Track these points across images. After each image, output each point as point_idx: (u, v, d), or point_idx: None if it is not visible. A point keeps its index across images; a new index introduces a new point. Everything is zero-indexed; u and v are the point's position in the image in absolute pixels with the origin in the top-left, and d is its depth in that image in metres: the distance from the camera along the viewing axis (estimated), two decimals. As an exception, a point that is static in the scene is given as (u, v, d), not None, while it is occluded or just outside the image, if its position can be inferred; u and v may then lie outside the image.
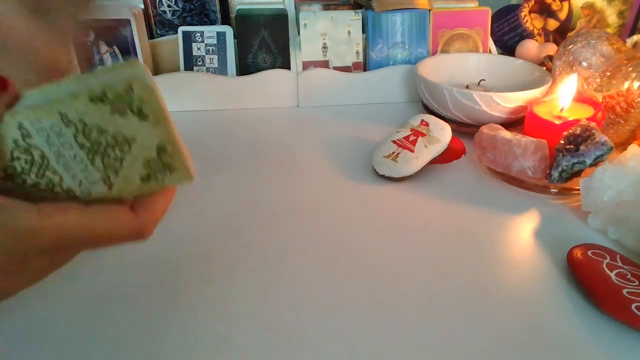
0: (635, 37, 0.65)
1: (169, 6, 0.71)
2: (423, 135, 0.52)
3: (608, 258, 0.38)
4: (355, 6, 0.77)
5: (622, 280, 0.35)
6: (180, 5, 0.71)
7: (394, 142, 0.52)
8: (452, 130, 0.53)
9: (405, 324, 0.34)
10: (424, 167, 0.51)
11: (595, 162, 0.46)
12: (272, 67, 0.70)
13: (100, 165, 0.27)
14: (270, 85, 0.69)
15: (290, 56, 0.70)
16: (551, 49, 0.74)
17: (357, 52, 0.71)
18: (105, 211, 0.27)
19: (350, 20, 0.70)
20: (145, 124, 0.27)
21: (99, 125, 0.26)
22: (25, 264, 0.26)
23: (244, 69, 0.70)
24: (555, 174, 0.47)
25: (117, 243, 0.28)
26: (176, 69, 0.69)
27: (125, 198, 0.29)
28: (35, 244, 0.25)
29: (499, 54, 0.75)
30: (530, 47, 0.76)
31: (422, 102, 0.67)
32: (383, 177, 0.51)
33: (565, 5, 0.79)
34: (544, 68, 0.66)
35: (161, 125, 0.27)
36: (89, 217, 0.27)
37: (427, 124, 0.53)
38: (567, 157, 0.46)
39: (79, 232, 0.26)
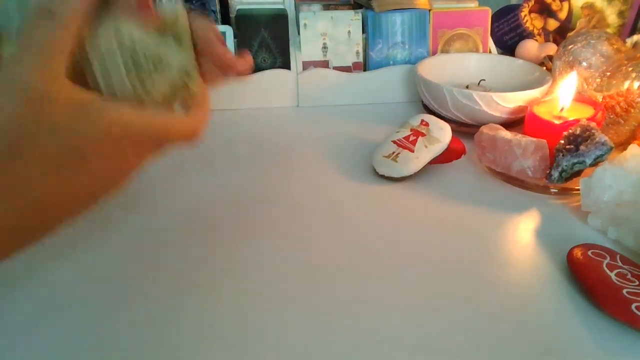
0: (635, 37, 0.65)
1: (169, 6, 0.71)
2: (423, 135, 0.52)
3: (608, 258, 0.38)
4: (355, 6, 0.77)
5: (622, 280, 0.35)
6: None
7: (394, 142, 0.52)
8: (452, 130, 0.53)
9: (405, 324, 0.34)
10: (424, 167, 0.51)
11: (595, 162, 0.46)
12: (272, 67, 0.70)
13: (135, 80, 0.30)
14: (270, 85, 0.69)
15: (290, 56, 0.70)
16: (551, 49, 0.74)
17: (357, 52, 0.71)
18: (172, 114, 0.31)
19: (350, 20, 0.70)
20: (179, 49, 0.32)
21: (144, 44, 0.30)
22: (121, 150, 0.28)
23: (244, 69, 0.70)
24: (555, 174, 0.47)
25: (175, 141, 0.31)
26: (176, 69, 0.69)
27: None
28: (129, 131, 0.28)
29: (499, 54, 0.75)
30: (530, 47, 0.76)
31: (422, 102, 0.67)
32: (383, 177, 0.51)
33: (565, 5, 0.79)
34: (544, 68, 0.66)
35: (189, 51, 0.33)
36: (151, 113, 0.30)
37: (427, 124, 0.53)
38: (567, 157, 0.46)
39: (156, 124, 0.29)
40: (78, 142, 0.26)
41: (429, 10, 0.71)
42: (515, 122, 0.60)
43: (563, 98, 0.53)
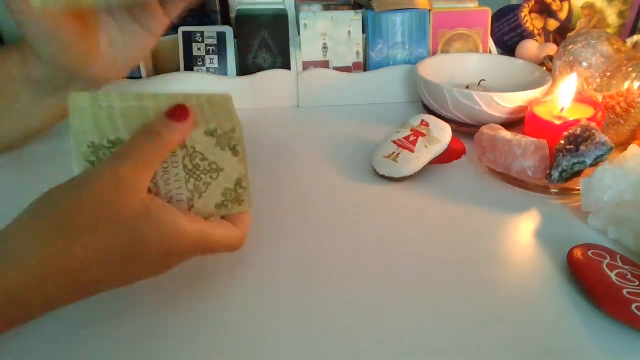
0: (635, 37, 0.65)
1: (169, 6, 0.71)
2: (423, 135, 0.52)
3: (608, 258, 0.38)
4: (355, 6, 0.77)
5: (622, 280, 0.35)
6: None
7: (394, 142, 0.52)
8: (452, 130, 0.53)
9: (404, 324, 0.34)
10: (424, 167, 0.51)
11: (595, 162, 0.46)
12: (272, 67, 0.70)
13: (192, 186, 0.33)
14: (270, 85, 0.69)
15: (290, 56, 0.70)
16: (551, 49, 0.74)
17: (357, 52, 0.71)
18: (222, 224, 0.34)
19: (350, 20, 0.70)
20: (234, 159, 0.34)
21: (203, 152, 0.33)
22: (168, 259, 0.31)
23: (244, 69, 0.70)
24: (555, 174, 0.47)
25: (220, 252, 0.34)
26: (176, 69, 0.69)
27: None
28: (181, 241, 0.30)
29: (499, 54, 0.75)
30: (530, 47, 0.76)
31: (422, 102, 0.67)
32: (383, 177, 0.51)
33: (565, 5, 0.79)
34: (544, 68, 0.66)
35: (244, 163, 0.34)
36: (213, 226, 0.33)
37: (427, 124, 0.53)
38: (567, 157, 0.47)
39: (208, 237, 0.32)
40: (135, 241, 0.29)
41: (429, 10, 0.71)
42: (515, 122, 0.60)
43: (563, 98, 0.53)
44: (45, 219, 0.27)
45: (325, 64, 0.71)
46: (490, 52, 0.74)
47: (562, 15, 0.79)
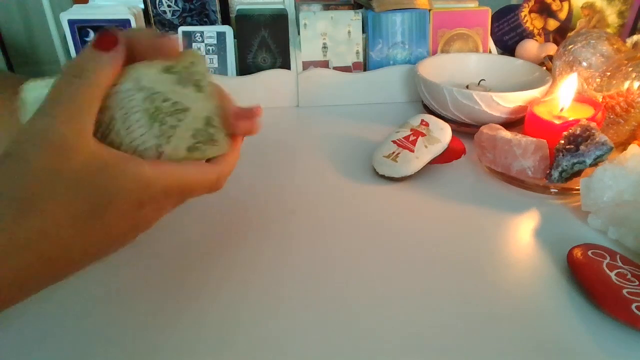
0: (635, 37, 0.65)
1: (169, 6, 0.71)
2: (423, 135, 0.52)
3: (608, 258, 0.38)
4: (355, 6, 0.77)
5: (622, 280, 0.35)
6: (180, 5, 0.71)
7: (394, 142, 0.52)
8: (452, 130, 0.53)
9: (403, 324, 0.34)
10: (424, 167, 0.51)
11: (595, 162, 0.46)
12: (272, 67, 0.70)
13: (157, 131, 0.30)
14: (270, 85, 0.69)
15: (290, 56, 0.70)
16: (551, 49, 0.74)
17: (357, 52, 0.71)
18: (196, 165, 0.31)
19: (350, 20, 0.70)
20: (200, 95, 0.31)
21: (164, 93, 0.30)
22: (140, 211, 0.28)
23: (244, 69, 0.70)
24: (555, 174, 0.47)
25: (198, 194, 0.32)
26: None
27: None
28: (150, 191, 0.28)
29: (499, 54, 0.75)
30: (530, 47, 0.76)
31: (422, 102, 0.67)
32: (383, 177, 0.51)
33: (565, 5, 0.79)
34: (544, 68, 0.66)
35: (212, 99, 0.31)
36: (185, 168, 0.30)
37: (427, 124, 0.53)
38: (567, 157, 0.47)
39: (179, 181, 0.30)
40: (97, 199, 0.26)
41: (429, 10, 0.71)
42: (515, 122, 0.60)
43: (563, 98, 0.53)
44: None
45: (325, 64, 0.71)
46: (490, 52, 0.74)
47: (562, 15, 0.79)
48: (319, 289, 0.38)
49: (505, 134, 0.50)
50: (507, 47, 0.81)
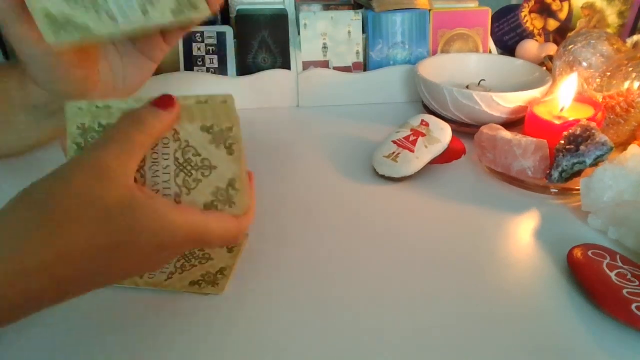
0: (635, 37, 0.65)
1: (169, 6, 0.71)
2: (423, 135, 0.52)
3: (608, 258, 0.38)
4: (355, 6, 0.77)
5: (622, 280, 0.35)
6: (180, 5, 0.71)
7: (394, 142, 0.52)
8: (452, 130, 0.53)
9: (403, 324, 0.34)
10: (424, 167, 0.51)
11: (595, 162, 0.46)
12: (272, 67, 0.70)
13: (181, 181, 0.32)
14: (270, 85, 0.69)
15: (290, 56, 0.69)
16: (551, 49, 0.74)
17: (357, 52, 0.71)
18: (219, 215, 0.32)
19: (350, 20, 0.70)
20: (229, 157, 0.32)
21: (196, 147, 0.32)
22: (160, 252, 0.29)
23: (244, 69, 0.70)
24: (555, 174, 0.47)
25: (216, 245, 0.33)
26: (176, 69, 0.69)
27: None
28: (173, 236, 0.29)
29: (499, 54, 0.75)
30: (530, 47, 0.76)
31: (422, 102, 0.67)
32: (383, 177, 0.51)
33: (565, 5, 0.79)
34: (544, 68, 0.66)
35: (239, 164, 0.32)
36: (209, 218, 0.31)
37: (427, 124, 0.53)
38: (567, 157, 0.46)
39: (201, 229, 0.30)
40: (122, 235, 0.27)
41: (429, 10, 0.71)
42: (515, 122, 0.60)
43: (563, 98, 0.53)
44: (23, 214, 0.26)
45: (325, 64, 0.71)
46: (490, 52, 0.74)
47: (562, 15, 0.79)
48: (317, 288, 0.38)
49: (505, 134, 0.50)
50: (507, 47, 0.81)
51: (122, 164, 0.28)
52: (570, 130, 0.48)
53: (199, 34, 0.68)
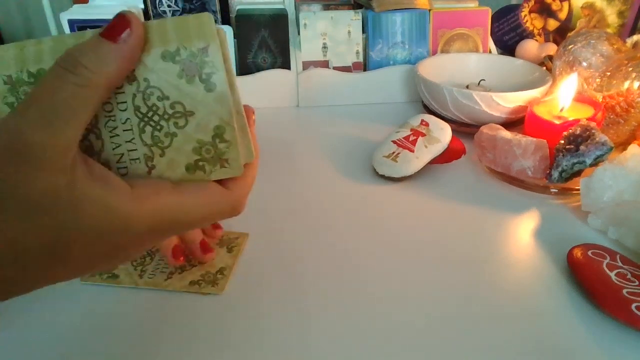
0: (635, 37, 0.65)
1: (169, 6, 0.71)
2: (423, 135, 0.52)
3: (608, 258, 0.38)
4: (355, 6, 0.77)
5: (622, 280, 0.35)
6: (180, 5, 0.71)
7: (394, 142, 0.52)
8: (452, 130, 0.53)
9: (402, 323, 0.34)
10: (424, 167, 0.51)
11: (595, 162, 0.46)
12: (272, 67, 0.70)
13: (149, 138, 0.23)
14: (270, 85, 0.69)
15: (290, 56, 0.70)
16: (551, 49, 0.74)
17: (357, 52, 0.71)
18: (199, 190, 0.24)
19: (350, 20, 0.70)
20: (210, 96, 0.23)
21: (161, 88, 0.23)
22: (118, 253, 0.23)
23: (244, 69, 0.70)
24: (555, 174, 0.47)
25: (211, 222, 0.26)
26: (176, 69, 0.69)
27: None
28: (130, 234, 0.22)
29: (499, 54, 0.75)
30: (530, 47, 0.76)
31: (422, 102, 0.67)
32: (383, 177, 0.51)
33: (565, 5, 0.79)
34: (544, 68, 0.66)
35: (226, 102, 0.23)
36: (183, 197, 0.24)
37: (427, 124, 0.53)
38: (567, 157, 0.46)
39: (175, 214, 0.23)
40: (54, 236, 0.21)
41: (429, 10, 0.71)
42: (515, 122, 0.60)
43: (563, 98, 0.53)
44: None
45: (325, 64, 0.71)
46: (490, 52, 0.74)
47: (562, 15, 0.79)
48: (318, 288, 0.38)
49: (505, 134, 0.50)
50: (507, 47, 0.81)
51: (51, 137, 0.20)
52: (570, 130, 0.48)
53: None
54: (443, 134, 0.52)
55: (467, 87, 0.65)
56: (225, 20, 0.74)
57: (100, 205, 0.21)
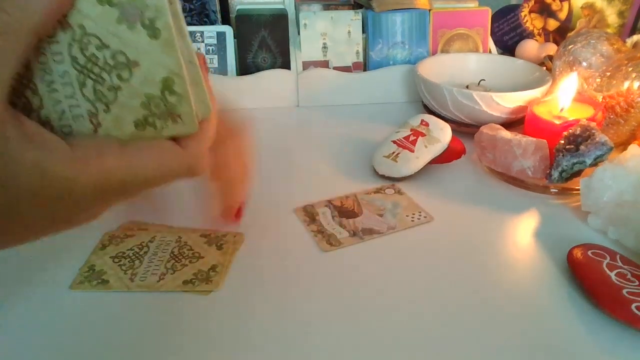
0: (635, 37, 0.65)
1: (169, 6, 0.71)
2: (423, 135, 0.52)
3: (608, 258, 0.38)
4: (355, 6, 0.77)
5: (622, 280, 0.35)
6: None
7: (394, 142, 0.52)
8: (452, 130, 0.53)
9: (402, 323, 0.34)
10: (424, 167, 0.51)
11: (595, 162, 0.46)
12: (272, 67, 0.70)
13: (91, 93, 0.21)
14: (270, 85, 0.69)
15: (290, 56, 0.70)
16: (551, 49, 0.74)
17: (357, 52, 0.71)
18: (148, 148, 0.23)
19: (350, 20, 0.70)
20: (155, 44, 0.21)
21: (99, 36, 0.20)
22: (68, 213, 0.22)
23: (244, 69, 0.70)
24: (555, 174, 0.47)
25: (167, 182, 0.24)
26: (176, 69, 0.69)
27: None
28: (71, 200, 0.21)
29: (499, 54, 0.75)
30: (530, 47, 0.76)
31: (422, 102, 0.67)
32: (383, 177, 0.51)
33: (565, 5, 0.79)
34: (544, 68, 0.66)
35: (173, 51, 0.21)
36: (129, 157, 0.22)
37: (427, 124, 0.53)
38: (567, 157, 0.46)
39: (122, 175, 0.22)
40: (21, 198, 0.19)
41: (429, 10, 0.71)
42: (515, 122, 0.60)
43: (563, 98, 0.53)
44: None
45: (325, 64, 0.71)
46: (490, 52, 0.74)
47: (562, 15, 0.79)
48: (318, 287, 0.38)
49: (505, 134, 0.50)
50: (507, 47, 0.81)
51: None
52: (570, 130, 0.48)
53: (199, 34, 0.68)
54: (443, 134, 0.52)
55: (467, 87, 0.65)
56: (225, 20, 0.74)
57: (35, 169, 0.19)
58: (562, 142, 0.48)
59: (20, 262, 0.39)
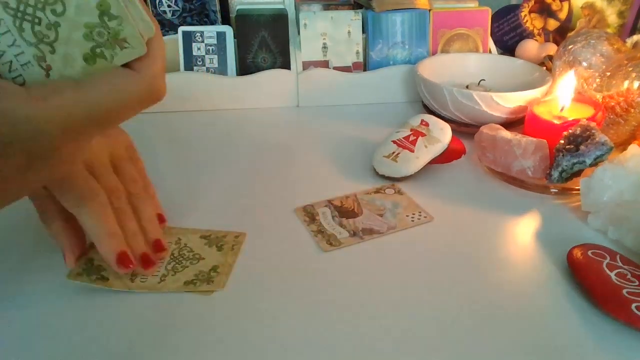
0: (635, 37, 0.65)
1: (169, 6, 0.71)
2: (423, 135, 0.52)
3: (608, 258, 0.38)
4: (355, 6, 0.77)
5: (622, 280, 0.35)
6: (180, 5, 0.71)
7: (394, 142, 0.52)
8: (452, 130, 0.53)
9: (401, 323, 0.34)
10: (424, 167, 0.51)
11: (595, 162, 0.46)
12: (272, 67, 0.70)
13: (31, 35, 0.21)
14: (270, 85, 0.69)
15: (290, 56, 0.70)
16: (551, 49, 0.74)
17: (357, 52, 0.71)
18: (103, 78, 0.23)
19: (350, 20, 0.70)
20: None
21: None
22: (42, 159, 0.22)
23: (244, 69, 0.70)
24: (555, 174, 0.47)
25: (132, 110, 0.24)
26: (176, 69, 0.69)
27: None
28: (42, 134, 0.20)
29: (499, 54, 0.75)
30: (530, 47, 0.76)
31: (422, 102, 0.67)
32: (383, 177, 0.51)
33: (565, 5, 0.79)
34: (544, 68, 0.66)
35: None
36: (86, 89, 0.22)
37: (427, 124, 0.53)
38: (567, 157, 0.46)
39: (85, 108, 0.22)
40: None
41: (429, 10, 0.71)
42: (515, 122, 0.60)
43: (563, 98, 0.53)
44: None
45: (325, 64, 0.71)
46: (490, 52, 0.74)
47: (562, 15, 0.79)
48: (318, 287, 0.38)
49: (505, 134, 0.50)
50: (507, 47, 0.81)
51: None
52: (570, 130, 0.48)
53: (199, 34, 0.68)
54: (443, 134, 0.52)
55: (467, 87, 0.65)
56: (225, 20, 0.74)
57: (1, 117, 0.19)
58: (562, 142, 0.48)
59: (19, 253, 0.39)
